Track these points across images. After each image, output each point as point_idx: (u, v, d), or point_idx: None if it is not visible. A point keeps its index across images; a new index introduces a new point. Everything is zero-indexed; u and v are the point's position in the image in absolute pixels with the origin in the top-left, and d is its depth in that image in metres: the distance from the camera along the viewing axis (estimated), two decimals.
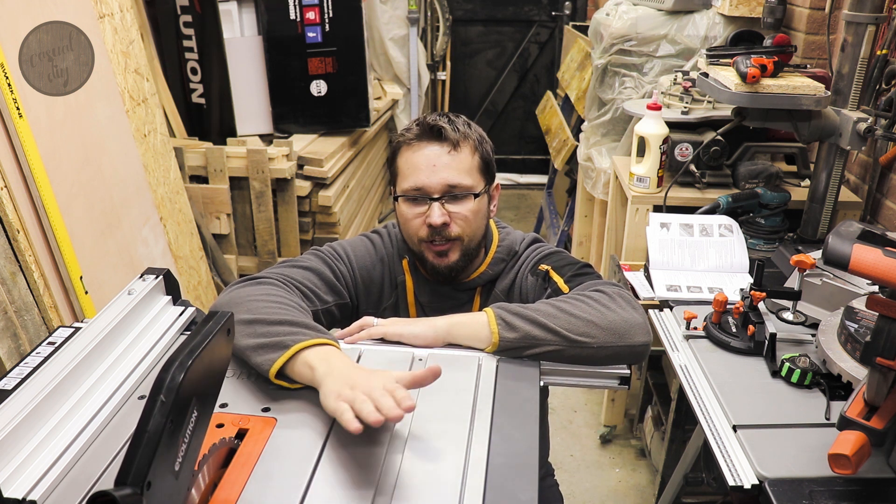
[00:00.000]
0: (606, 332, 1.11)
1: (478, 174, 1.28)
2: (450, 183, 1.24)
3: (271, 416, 0.96)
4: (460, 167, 1.25)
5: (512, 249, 1.37)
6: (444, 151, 1.25)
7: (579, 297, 1.17)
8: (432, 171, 1.24)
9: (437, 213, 1.24)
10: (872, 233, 1.01)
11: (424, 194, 1.25)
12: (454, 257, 1.29)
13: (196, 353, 0.70)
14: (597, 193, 2.85)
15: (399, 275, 1.38)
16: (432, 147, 1.25)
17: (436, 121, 1.26)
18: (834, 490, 1.08)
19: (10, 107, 1.75)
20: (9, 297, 1.72)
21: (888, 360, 1.01)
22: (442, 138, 1.25)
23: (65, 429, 0.91)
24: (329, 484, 0.84)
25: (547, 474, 1.57)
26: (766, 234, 1.99)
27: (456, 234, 1.27)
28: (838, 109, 1.81)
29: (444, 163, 1.24)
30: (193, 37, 3.16)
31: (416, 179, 1.25)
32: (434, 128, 1.25)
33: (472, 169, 1.27)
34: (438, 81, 4.80)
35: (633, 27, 2.53)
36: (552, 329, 1.10)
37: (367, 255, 1.38)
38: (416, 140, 1.26)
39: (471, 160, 1.27)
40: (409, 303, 1.37)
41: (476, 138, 1.29)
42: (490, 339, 1.11)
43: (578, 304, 1.14)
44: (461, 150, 1.26)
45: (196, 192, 3.00)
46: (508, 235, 1.40)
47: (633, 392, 2.62)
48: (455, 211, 1.26)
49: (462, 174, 1.25)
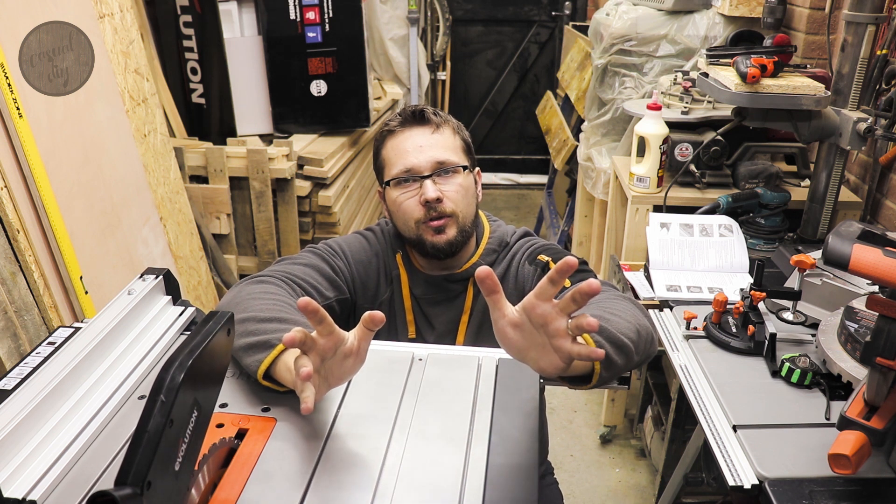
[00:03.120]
0: (645, 344, 1.06)
1: (462, 153, 1.35)
2: (438, 160, 1.30)
3: (271, 416, 0.96)
4: (446, 145, 1.32)
5: (503, 241, 1.40)
6: (428, 132, 1.32)
7: (622, 307, 1.09)
8: (420, 151, 1.30)
9: (431, 188, 1.28)
10: (872, 233, 1.01)
11: (415, 174, 1.30)
12: (452, 233, 1.31)
13: (196, 353, 0.70)
14: (597, 193, 2.85)
15: (393, 269, 1.39)
16: (414, 130, 1.32)
17: (415, 107, 1.33)
18: (834, 490, 1.08)
19: (10, 107, 1.75)
20: (9, 297, 1.72)
21: (888, 360, 1.01)
22: (424, 121, 1.32)
23: (65, 429, 0.91)
24: (329, 484, 0.84)
25: (547, 472, 1.57)
26: (766, 234, 1.99)
27: (451, 210, 1.30)
28: (838, 109, 1.81)
29: (430, 143, 1.31)
30: (193, 37, 3.16)
31: (406, 162, 1.30)
32: (416, 113, 1.32)
33: (456, 147, 1.34)
34: (438, 81, 4.80)
35: (633, 27, 2.53)
36: (629, 355, 0.99)
37: (363, 251, 1.40)
38: (401, 127, 1.33)
39: (453, 140, 1.34)
40: (404, 296, 1.38)
41: (454, 124, 1.37)
42: (589, 372, 0.95)
43: (624, 311, 1.07)
44: (443, 131, 1.33)
45: (196, 192, 3.00)
46: (499, 227, 1.42)
47: (633, 392, 2.62)
48: (446, 188, 1.30)
49: (448, 151, 1.31)
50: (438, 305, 1.37)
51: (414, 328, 1.38)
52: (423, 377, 1.05)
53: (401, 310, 1.39)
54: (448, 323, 1.37)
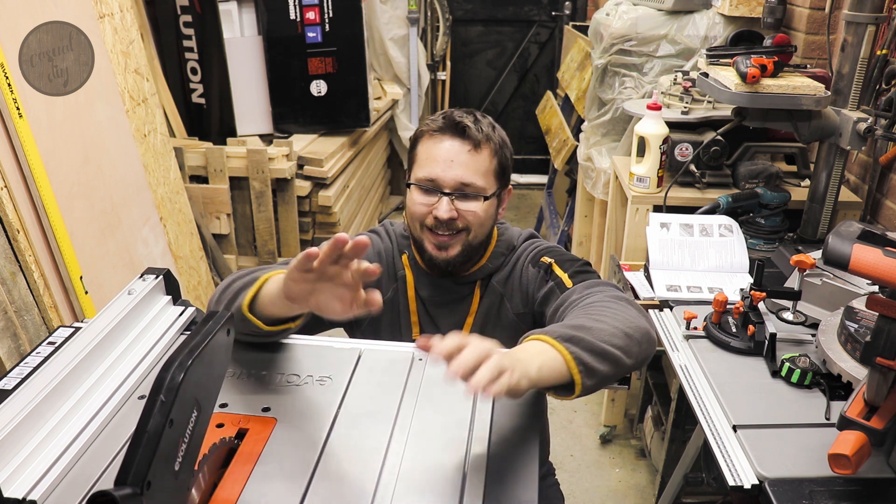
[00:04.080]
0: (640, 346, 1.06)
1: (492, 177, 1.30)
2: (463, 181, 1.26)
3: (271, 416, 0.96)
4: (477, 168, 1.27)
5: (510, 244, 1.39)
6: (464, 149, 1.26)
7: (612, 311, 1.10)
8: (448, 166, 1.26)
9: (445, 209, 1.26)
10: (872, 233, 1.01)
11: (436, 187, 1.27)
12: (454, 252, 1.29)
13: (196, 353, 0.70)
14: (597, 193, 2.85)
15: (399, 270, 1.39)
16: (453, 142, 1.26)
17: (462, 118, 1.27)
18: (834, 490, 1.08)
19: (10, 107, 1.75)
20: (9, 297, 1.72)
21: (888, 360, 1.01)
22: (465, 136, 1.26)
23: (65, 429, 0.91)
24: (329, 484, 0.84)
25: (548, 473, 1.57)
26: (766, 234, 1.99)
27: (463, 226, 1.28)
28: (838, 109, 1.80)
29: (461, 160, 1.26)
30: (193, 37, 3.16)
31: (431, 171, 1.27)
32: (459, 125, 1.26)
33: (488, 172, 1.28)
34: (438, 81, 4.80)
35: (633, 27, 2.53)
36: (617, 360, 1.00)
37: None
38: (440, 132, 1.28)
39: (488, 163, 1.28)
40: (409, 298, 1.38)
41: (497, 142, 1.30)
42: (571, 382, 0.97)
43: (613, 316, 1.08)
44: (481, 152, 1.27)
45: (196, 192, 3.00)
46: (507, 231, 1.42)
47: (633, 392, 2.62)
48: (463, 209, 1.27)
49: (477, 175, 1.27)
50: (444, 307, 1.37)
51: (418, 329, 1.38)
52: (423, 377, 1.05)
53: (405, 311, 1.39)
54: (453, 325, 1.37)
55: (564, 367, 0.95)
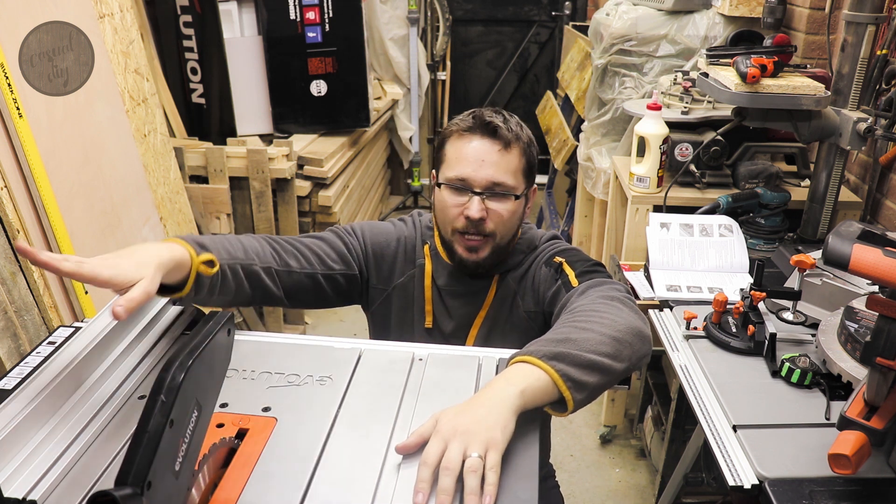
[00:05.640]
0: (632, 348, 1.05)
1: (521, 176, 1.30)
2: (494, 181, 1.26)
3: (271, 416, 0.96)
4: (507, 167, 1.27)
5: (532, 243, 1.41)
6: (494, 149, 1.27)
7: (599, 315, 1.09)
8: (479, 166, 1.26)
9: (477, 208, 1.26)
10: (872, 233, 1.01)
11: (467, 186, 1.27)
12: (484, 254, 1.31)
13: (196, 353, 0.70)
14: (597, 193, 2.85)
15: (419, 258, 1.41)
16: (483, 141, 1.27)
17: (492, 118, 1.28)
18: (834, 490, 1.08)
19: (10, 107, 1.75)
20: (9, 297, 1.72)
21: (888, 360, 1.01)
22: (495, 136, 1.27)
23: (65, 429, 0.91)
24: (329, 484, 0.84)
25: (548, 475, 1.57)
26: (766, 234, 1.99)
27: (490, 230, 1.29)
28: (838, 109, 1.81)
29: (492, 160, 1.26)
30: (193, 37, 3.16)
31: (462, 170, 1.27)
32: (489, 125, 1.27)
33: (518, 171, 1.29)
34: (438, 81, 4.80)
35: (633, 27, 2.53)
36: (607, 369, 1.00)
37: (382, 234, 1.42)
38: (469, 132, 1.28)
39: (518, 162, 1.29)
40: (425, 286, 1.40)
41: (526, 141, 1.31)
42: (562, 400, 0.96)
43: (601, 321, 1.07)
44: (511, 151, 1.28)
45: (196, 192, 3.00)
46: (530, 230, 1.43)
47: (633, 392, 2.62)
48: (494, 208, 1.28)
49: (507, 174, 1.27)
50: (460, 297, 1.39)
51: (431, 318, 1.40)
52: (423, 377, 1.05)
53: (420, 299, 1.40)
54: (465, 316, 1.38)
55: (552, 387, 0.94)
